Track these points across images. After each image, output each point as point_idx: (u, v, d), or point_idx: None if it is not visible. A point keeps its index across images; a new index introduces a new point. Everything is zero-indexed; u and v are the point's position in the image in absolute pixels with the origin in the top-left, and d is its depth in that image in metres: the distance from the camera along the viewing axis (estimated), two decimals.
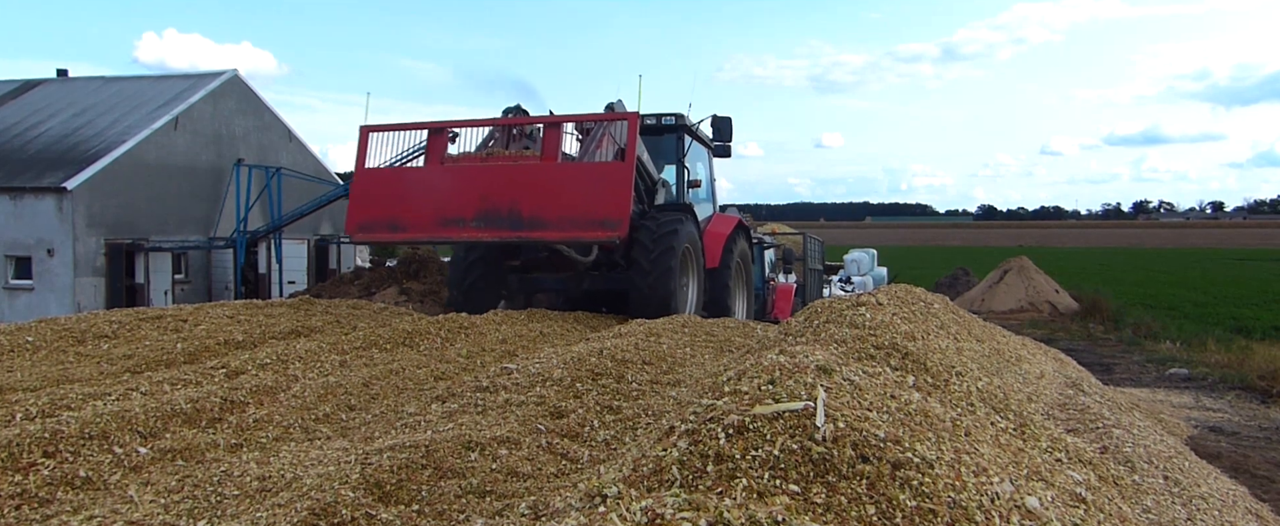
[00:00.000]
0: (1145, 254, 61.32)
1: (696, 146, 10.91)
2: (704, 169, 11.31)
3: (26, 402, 4.22)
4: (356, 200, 8.69)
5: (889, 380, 3.21)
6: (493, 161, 8.34)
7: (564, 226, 7.81)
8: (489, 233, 7.96)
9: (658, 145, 10.45)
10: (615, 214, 7.67)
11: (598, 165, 8.23)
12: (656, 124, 10.25)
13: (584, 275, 9.11)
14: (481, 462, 3.25)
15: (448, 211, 8.15)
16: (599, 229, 7.69)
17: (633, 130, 8.12)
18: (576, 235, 7.92)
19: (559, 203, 7.83)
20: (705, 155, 11.25)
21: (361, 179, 8.77)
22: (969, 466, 2.46)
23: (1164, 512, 3.56)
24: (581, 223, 7.71)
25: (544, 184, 7.99)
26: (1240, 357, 12.22)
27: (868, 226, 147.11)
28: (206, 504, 3.00)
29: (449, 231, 8.27)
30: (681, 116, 10.33)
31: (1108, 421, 4.77)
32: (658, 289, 8.32)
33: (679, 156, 10.46)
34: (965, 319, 5.99)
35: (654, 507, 2.08)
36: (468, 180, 8.24)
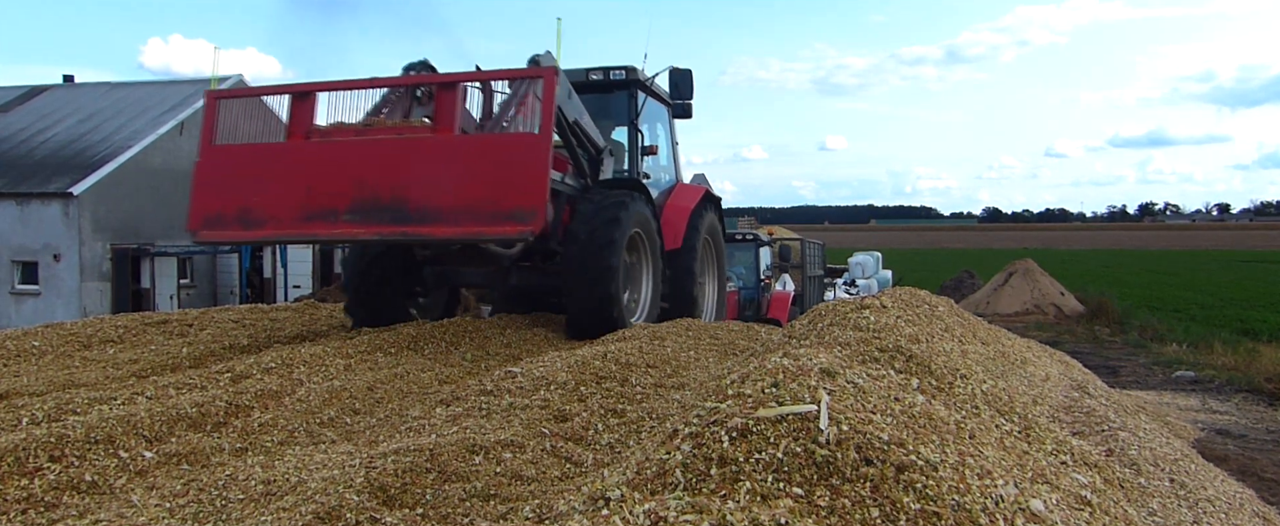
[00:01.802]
0: (1151, 256, 61.16)
1: (653, 105, 9.13)
2: (663, 132, 9.62)
3: (32, 407, 4.24)
4: (201, 187, 6.62)
5: (893, 383, 3.21)
6: (371, 134, 6.39)
7: (461, 219, 5.91)
8: (366, 227, 6.07)
9: (606, 105, 8.78)
10: (528, 201, 5.79)
11: (504, 138, 6.37)
12: (604, 80, 8.59)
13: (512, 269, 7.37)
14: (486, 466, 3.25)
15: (314, 201, 6.22)
16: (506, 222, 5.79)
17: (549, 90, 6.21)
18: (476, 230, 5.98)
19: (455, 188, 5.97)
20: (664, 115, 9.49)
21: (207, 160, 6.74)
22: (973, 469, 2.46)
23: (1170, 516, 3.55)
24: (483, 214, 5.86)
25: (436, 163, 6.14)
26: (1247, 360, 12.18)
27: (872, 229, 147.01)
28: (211, 508, 3.00)
29: (315, 226, 6.27)
30: (634, 70, 8.61)
31: (1113, 424, 4.75)
32: (594, 289, 6.65)
33: (631, 118, 8.69)
34: (970, 322, 5.98)
35: (657, 510, 2.08)
36: (340, 160, 6.30)
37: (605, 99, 8.74)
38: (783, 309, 15.47)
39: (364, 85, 6.77)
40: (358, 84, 6.77)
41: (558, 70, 6.42)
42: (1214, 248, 74.97)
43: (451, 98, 6.41)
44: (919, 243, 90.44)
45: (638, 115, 8.74)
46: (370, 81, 6.82)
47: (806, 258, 18.85)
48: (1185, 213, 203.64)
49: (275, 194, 6.37)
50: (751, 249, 16.30)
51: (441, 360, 5.70)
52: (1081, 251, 68.72)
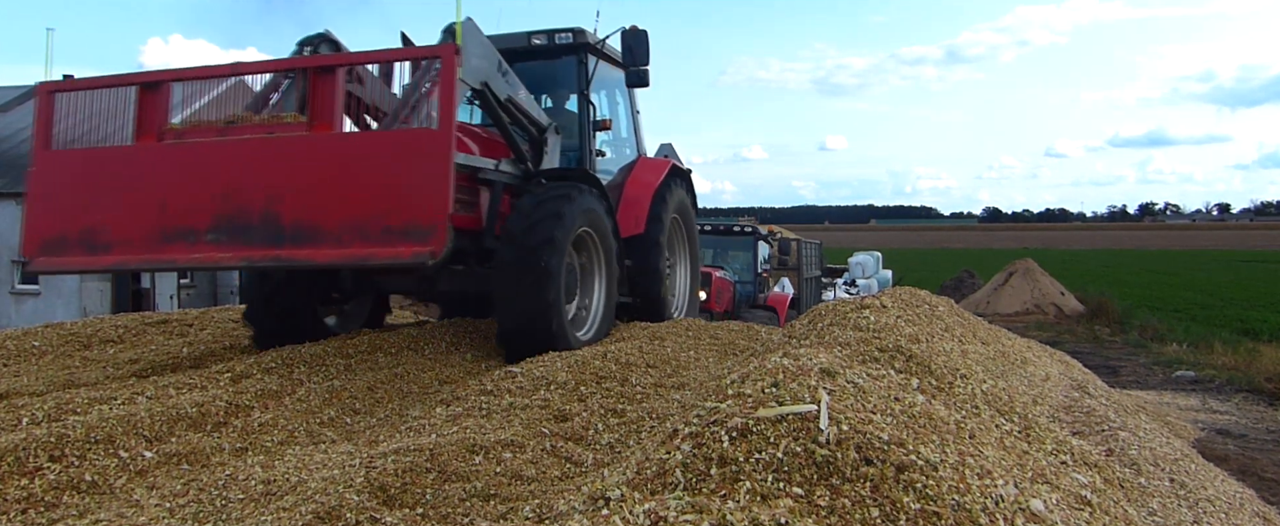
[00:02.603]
0: (1151, 256, 61.16)
1: (607, 72, 7.93)
2: (622, 101, 8.48)
3: (33, 407, 4.24)
4: (36, 203, 5.44)
5: (893, 383, 3.21)
6: (234, 134, 5.26)
7: (345, 238, 4.84)
8: (231, 250, 4.96)
9: (552, 74, 7.80)
10: (426, 215, 4.78)
11: (394, 136, 5.30)
12: (549, 44, 7.50)
13: (442, 273, 6.17)
14: (486, 466, 3.25)
15: (170, 218, 5.11)
16: (400, 242, 4.75)
17: (448, 73, 5.07)
18: (364, 252, 4.81)
19: (336, 200, 4.93)
20: (622, 82, 8.08)
21: (42, 169, 5.47)
22: (973, 469, 2.46)
23: (1170, 515, 3.55)
24: (372, 232, 4.82)
25: (313, 169, 5.04)
26: (1247, 360, 12.18)
27: (872, 229, 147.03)
28: (211, 507, 3.00)
29: (172, 250, 5.09)
30: (582, 32, 7.49)
31: (1113, 424, 4.76)
32: (529, 298, 5.58)
33: (581, 89, 7.56)
34: (970, 321, 5.99)
35: (657, 510, 2.08)
36: (200, 167, 5.17)
37: (551, 67, 7.77)
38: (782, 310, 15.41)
39: (223, 72, 5.55)
40: (216, 70, 5.56)
41: (459, 48, 5.19)
42: (1214, 247, 74.97)
43: (329, 86, 5.22)
44: (919, 242, 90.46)
45: (588, 84, 7.59)
46: (231, 67, 5.58)
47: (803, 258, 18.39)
48: (1185, 212, 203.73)
49: (124, 210, 5.22)
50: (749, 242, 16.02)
51: (441, 360, 5.71)
52: (1081, 251, 68.72)
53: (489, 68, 5.81)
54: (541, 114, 6.67)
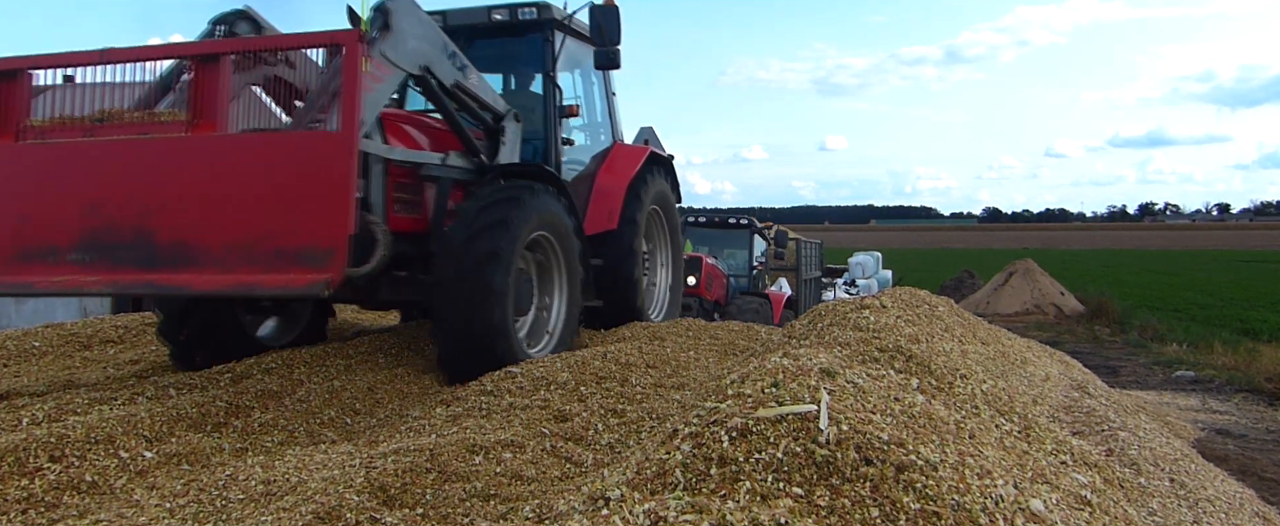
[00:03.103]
0: (1151, 256, 61.18)
1: (576, 50, 7.13)
2: (597, 83, 7.73)
3: (33, 407, 4.24)
4: None
5: (893, 383, 3.21)
6: (103, 133, 4.52)
7: (229, 262, 4.12)
8: (98, 273, 4.23)
9: (514, 53, 7.09)
10: (322, 236, 4.07)
11: (287, 140, 4.55)
12: (511, 19, 6.73)
13: (383, 281, 5.20)
14: (486, 466, 3.26)
15: (29, 234, 4.41)
16: (292, 267, 4.04)
17: (352, 63, 4.30)
18: (251, 280, 4.10)
19: (219, 216, 4.20)
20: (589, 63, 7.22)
21: None
22: (973, 469, 2.46)
23: (1170, 515, 3.55)
24: (260, 255, 4.10)
25: (193, 178, 4.29)
26: (1247, 360, 12.19)
27: (872, 229, 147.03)
28: (211, 508, 3.01)
29: (30, 271, 4.34)
30: (548, 7, 6.72)
31: (1113, 424, 4.76)
32: (471, 317, 4.93)
33: (546, 69, 6.76)
34: (970, 322, 5.99)
35: (657, 510, 2.08)
36: (62, 172, 4.44)
37: (514, 45, 7.03)
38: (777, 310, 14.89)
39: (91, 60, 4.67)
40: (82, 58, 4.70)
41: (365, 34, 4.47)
42: (1214, 247, 74.99)
43: (214, 77, 4.45)
44: (919, 242, 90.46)
45: (554, 64, 6.77)
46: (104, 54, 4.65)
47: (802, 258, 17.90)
48: (1185, 212, 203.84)
49: None
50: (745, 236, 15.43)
51: None
52: (1081, 251, 68.74)
53: (430, 49, 5.13)
54: (498, 99, 5.98)
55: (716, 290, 12.96)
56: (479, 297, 4.96)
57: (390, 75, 4.85)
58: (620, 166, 7.25)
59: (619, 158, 7.41)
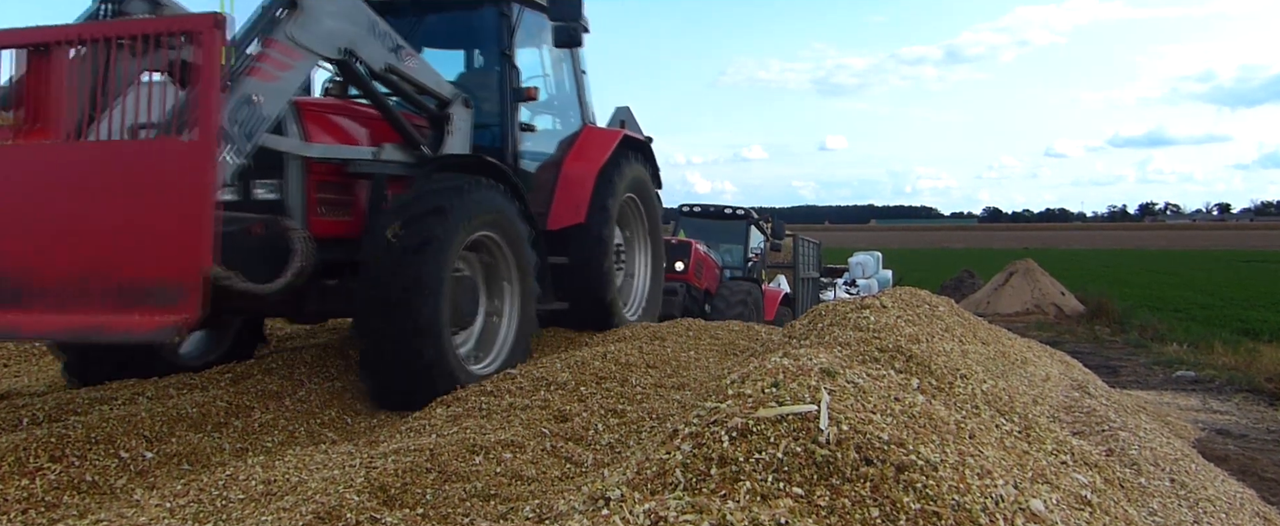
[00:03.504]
0: (1151, 256, 61.17)
1: (537, 23, 6.38)
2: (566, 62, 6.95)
3: (33, 407, 4.25)
4: None
5: (893, 383, 3.21)
6: None
7: (65, 300, 3.46)
8: None
9: (467, 29, 6.48)
10: (176, 269, 3.41)
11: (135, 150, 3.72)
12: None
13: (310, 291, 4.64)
14: (486, 466, 3.26)
15: None
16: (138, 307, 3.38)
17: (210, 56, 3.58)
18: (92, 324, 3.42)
19: (50, 245, 3.56)
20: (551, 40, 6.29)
21: None
22: (973, 469, 2.46)
23: (1170, 515, 3.55)
24: (98, 292, 3.44)
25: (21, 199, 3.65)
26: (1248, 360, 12.18)
27: (872, 229, 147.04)
28: (211, 508, 3.01)
29: None
30: None
31: (1114, 424, 4.76)
32: (394, 356, 4.45)
33: (502, 47, 6.06)
34: (970, 321, 5.99)
35: (657, 510, 2.08)
36: None
37: (467, 20, 6.41)
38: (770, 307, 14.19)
39: None
40: None
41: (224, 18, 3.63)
42: (1214, 247, 74.98)
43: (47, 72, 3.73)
44: (919, 242, 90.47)
45: (511, 41, 6.06)
46: None
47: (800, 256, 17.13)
48: (1186, 212, 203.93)
49: None
50: (742, 228, 14.73)
51: None
52: (1082, 251, 68.73)
53: (353, 30, 4.51)
54: (443, 83, 5.38)
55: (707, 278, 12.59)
56: (402, 331, 4.39)
57: (299, 61, 4.24)
58: (590, 152, 6.62)
59: (589, 143, 6.76)
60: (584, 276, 6.31)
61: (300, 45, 4.24)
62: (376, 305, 4.44)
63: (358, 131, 5.18)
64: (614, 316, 6.60)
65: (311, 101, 5.06)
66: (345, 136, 5.08)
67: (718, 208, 15.44)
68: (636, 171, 7.08)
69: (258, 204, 4.61)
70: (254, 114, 3.96)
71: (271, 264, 4.04)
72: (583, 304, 6.28)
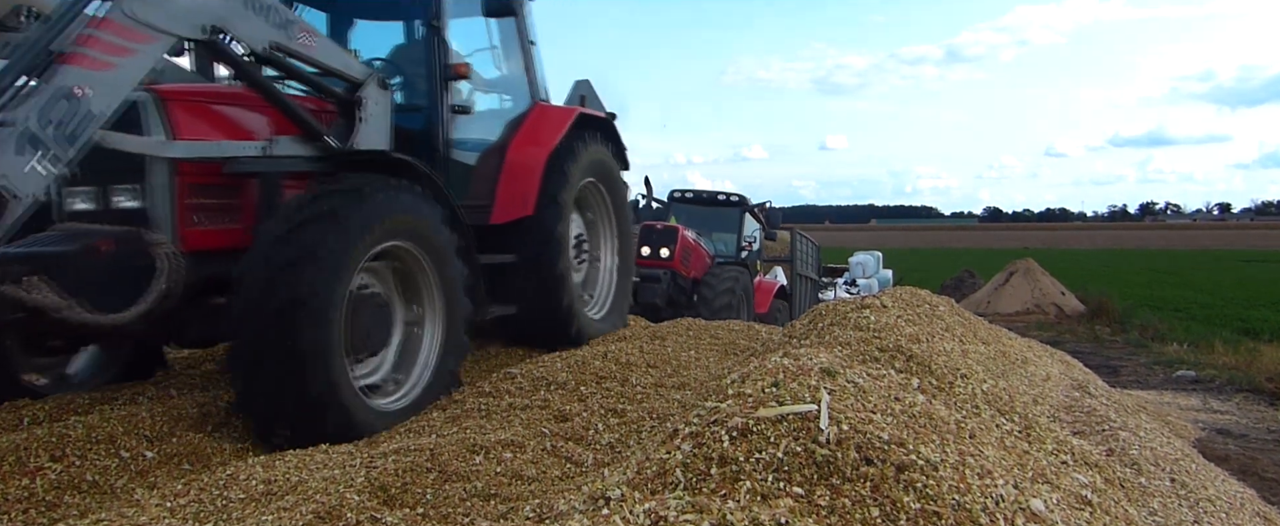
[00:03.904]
0: (1152, 255, 61.15)
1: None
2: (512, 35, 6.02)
3: (34, 407, 4.24)
4: None
5: (893, 383, 3.21)
6: None
7: None
8: None
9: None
10: None
11: None
12: None
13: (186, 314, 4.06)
14: (486, 466, 3.26)
15: None
16: None
17: None
18: None
19: None
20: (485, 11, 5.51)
21: None
22: (973, 469, 2.46)
23: (1171, 515, 3.55)
24: None
25: None
26: (1248, 359, 12.17)
27: (873, 228, 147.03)
28: (212, 507, 3.01)
29: None
30: None
31: (1114, 423, 4.76)
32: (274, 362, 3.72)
33: (429, 19, 5.24)
34: (971, 321, 5.98)
35: (657, 510, 2.08)
36: None
37: None
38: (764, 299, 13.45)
39: None
40: None
41: None
42: (1215, 247, 74.92)
43: None
44: (920, 242, 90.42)
45: (439, 9, 5.21)
46: None
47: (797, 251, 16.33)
48: (1186, 212, 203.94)
49: None
50: (735, 215, 13.93)
51: None
52: (1082, 251, 68.69)
53: (219, 4, 3.87)
54: (351, 63, 4.70)
55: (695, 266, 12.00)
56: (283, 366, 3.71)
57: (144, 44, 3.59)
58: (540, 134, 5.76)
59: (539, 123, 5.86)
60: (535, 278, 5.52)
61: (144, 24, 3.56)
62: (249, 328, 3.70)
63: (249, 123, 4.36)
64: (573, 323, 5.76)
65: (184, 90, 4.26)
66: (229, 130, 4.28)
67: (712, 194, 14.53)
68: (597, 153, 6.20)
69: (117, 214, 3.95)
70: (77, 110, 3.35)
71: (128, 285, 3.53)
72: (535, 310, 5.51)
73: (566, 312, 5.72)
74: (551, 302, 5.63)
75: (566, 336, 5.75)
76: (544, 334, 5.72)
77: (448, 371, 4.57)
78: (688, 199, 14.44)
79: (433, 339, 4.55)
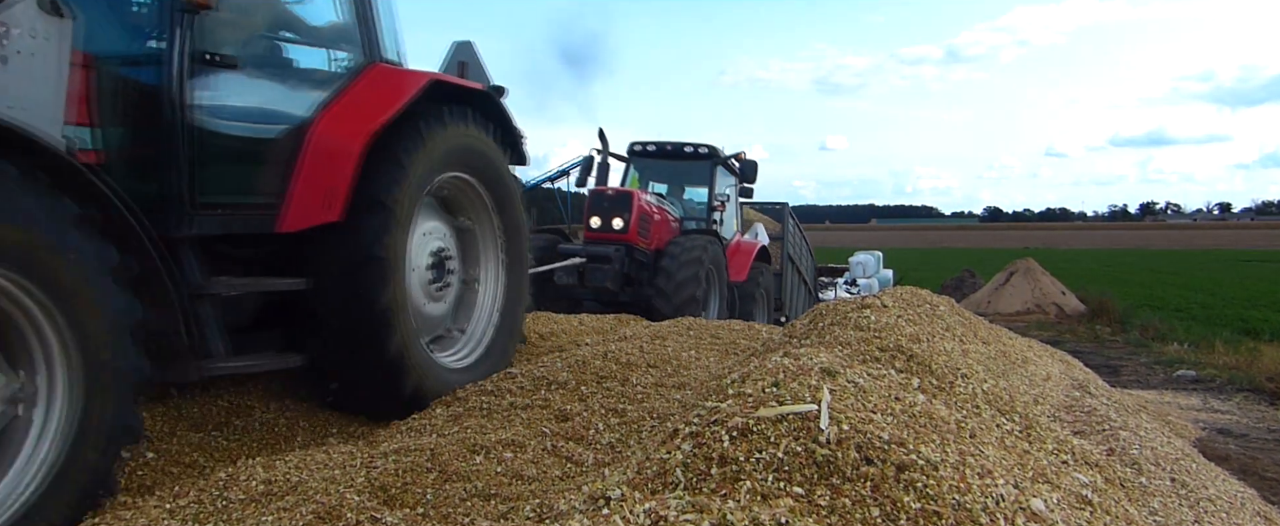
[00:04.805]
0: (1152, 255, 61.14)
1: None
2: None
3: None
4: None
5: (894, 382, 3.21)
6: None
7: None
8: None
9: None
10: None
11: None
12: None
13: None
14: (486, 465, 3.26)
15: None
16: None
17: None
18: None
19: None
20: None
21: None
22: (974, 468, 2.46)
23: (1171, 515, 3.54)
24: None
25: None
26: (1248, 359, 12.17)
27: (873, 228, 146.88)
28: (212, 508, 3.01)
29: None
30: None
31: (1114, 423, 4.76)
32: None
33: None
34: (971, 321, 5.98)
35: (657, 510, 2.08)
36: None
37: None
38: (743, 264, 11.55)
39: None
40: None
41: None
42: (1215, 247, 74.91)
43: None
44: (920, 242, 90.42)
45: None
46: None
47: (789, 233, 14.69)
48: (1186, 212, 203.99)
49: None
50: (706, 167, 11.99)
51: None
52: (1083, 251, 68.70)
53: None
54: None
55: (657, 236, 10.32)
56: None
57: None
58: (366, 106, 4.11)
59: (369, 91, 4.20)
60: (343, 314, 3.92)
61: None
62: None
63: None
64: (407, 378, 4.14)
65: None
66: None
67: (677, 145, 12.17)
68: (465, 138, 4.56)
69: None
70: None
71: None
72: (342, 360, 4.00)
73: (393, 363, 4.06)
74: (368, 350, 3.97)
75: (395, 395, 4.13)
76: (361, 393, 4.15)
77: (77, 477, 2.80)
78: (650, 152, 12.29)
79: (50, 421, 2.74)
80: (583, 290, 10.12)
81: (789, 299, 14.24)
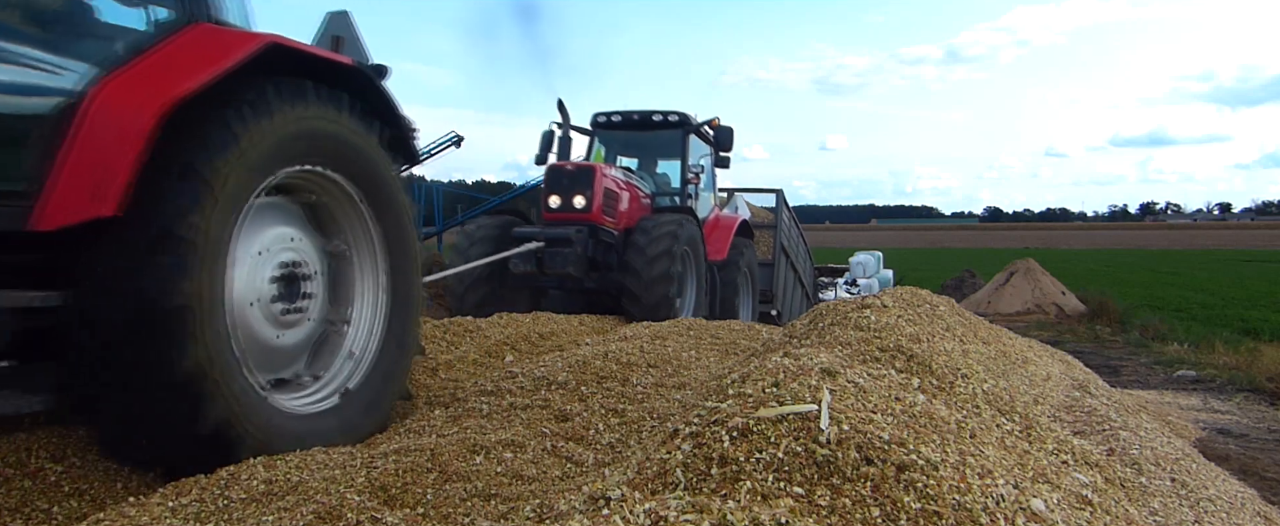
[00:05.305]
0: (1152, 255, 61.13)
1: None
2: None
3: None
4: None
5: (894, 382, 3.21)
6: None
7: None
8: None
9: None
10: None
11: None
12: None
13: None
14: (486, 466, 3.26)
15: None
16: None
17: None
18: None
19: None
20: None
21: None
22: (974, 468, 2.46)
23: (1171, 515, 3.54)
24: None
25: None
26: (1249, 359, 12.17)
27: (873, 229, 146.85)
28: (213, 507, 3.01)
29: None
30: None
31: (1114, 423, 4.76)
32: None
33: None
34: (971, 321, 5.98)
35: (657, 510, 2.08)
36: None
37: None
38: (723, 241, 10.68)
39: None
40: None
41: None
42: (1215, 247, 74.91)
43: None
44: (920, 242, 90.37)
45: None
46: None
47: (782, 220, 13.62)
48: (1186, 212, 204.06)
49: None
50: (677, 137, 10.94)
51: (442, 360, 5.70)
52: (1083, 251, 68.69)
53: None
54: None
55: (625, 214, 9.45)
56: None
57: None
58: (173, 70, 3.12)
59: (180, 53, 3.23)
60: (121, 336, 2.95)
61: None
62: None
63: None
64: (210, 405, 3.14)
65: None
66: None
67: (645, 114, 10.99)
68: (324, 123, 3.62)
69: None
70: None
71: None
72: (108, 382, 3.04)
73: (183, 384, 3.03)
74: (154, 383, 3.01)
75: (188, 431, 3.12)
76: (139, 429, 3.17)
77: None
78: (615, 123, 11.11)
79: None
80: (544, 278, 8.85)
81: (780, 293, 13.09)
